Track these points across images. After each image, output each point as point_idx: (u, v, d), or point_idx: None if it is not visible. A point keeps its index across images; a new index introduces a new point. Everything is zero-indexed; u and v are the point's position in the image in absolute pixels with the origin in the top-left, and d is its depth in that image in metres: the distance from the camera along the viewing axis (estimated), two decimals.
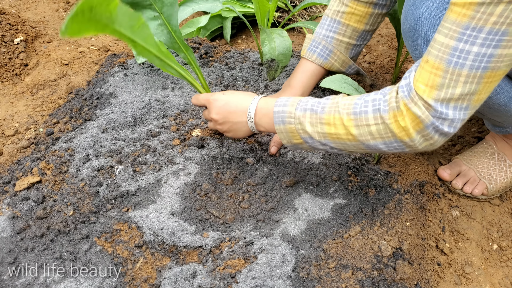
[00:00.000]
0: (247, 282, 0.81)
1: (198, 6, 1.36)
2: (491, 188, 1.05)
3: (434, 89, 0.67)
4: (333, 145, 0.81)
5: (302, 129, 0.83)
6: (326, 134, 0.80)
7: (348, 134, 0.78)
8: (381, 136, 0.75)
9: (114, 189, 0.98)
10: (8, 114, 1.29)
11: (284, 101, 0.86)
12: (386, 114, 0.73)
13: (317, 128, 0.81)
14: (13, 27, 1.51)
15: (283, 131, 0.86)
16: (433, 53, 0.67)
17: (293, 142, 0.87)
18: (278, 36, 1.18)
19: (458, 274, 0.93)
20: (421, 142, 0.73)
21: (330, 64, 1.12)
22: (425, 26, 0.85)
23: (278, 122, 0.86)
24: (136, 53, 1.23)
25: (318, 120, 0.80)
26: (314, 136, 0.82)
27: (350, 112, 0.77)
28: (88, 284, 0.82)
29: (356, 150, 0.82)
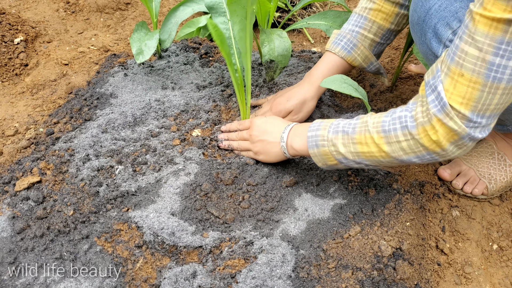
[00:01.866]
0: (247, 282, 0.81)
1: (198, 6, 1.36)
2: (491, 187, 1.05)
3: (472, 101, 0.69)
4: (368, 162, 0.84)
5: (335, 151, 0.86)
6: (360, 153, 0.83)
7: (381, 151, 0.81)
8: (413, 151, 0.78)
9: (114, 189, 0.98)
10: (8, 114, 1.29)
11: (317, 125, 0.90)
12: (414, 130, 0.75)
13: (350, 148, 0.84)
14: (13, 27, 1.51)
15: (317, 154, 0.89)
16: (468, 67, 0.67)
17: (327, 163, 0.90)
18: (277, 37, 1.18)
19: (458, 274, 0.93)
20: (454, 151, 0.76)
21: (353, 58, 1.12)
22: (435, 19, 0.85)
23: (312, 146, 0.89)
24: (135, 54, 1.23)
25: (350, 140, 0.83)
26: (348, 156, 0.85)
27: (379, 130, 0.80)
28: (88, 284, 0.82)
29: (390, 165, 0.85)
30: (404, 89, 1.34)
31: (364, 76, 1.40)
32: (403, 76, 1.41)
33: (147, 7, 1.35)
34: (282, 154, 0.98)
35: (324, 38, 1.75)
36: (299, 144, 0.93)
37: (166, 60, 1.44)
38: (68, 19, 1.75)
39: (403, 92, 1.32)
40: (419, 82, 1.39)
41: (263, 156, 1.02)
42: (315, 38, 1.75)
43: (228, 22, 1.10)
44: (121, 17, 1.80)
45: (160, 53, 1.45)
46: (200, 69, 1.41)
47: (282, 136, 0.96)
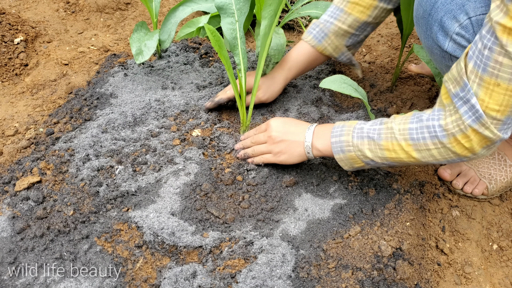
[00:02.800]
0: (247, 282, 0.81)
1: (197, 6, 1.36)
2: (491, 188, 1.05)
3: (509, 107, 0.72)
4: (396, 164, 0.87)
5: (362, 155, 0.87)
6: (388, 158, 0.85)
7: (410, 158, 0.82)
8: (443, 157, 0.80)
9: (114, 189, 0.98)
10: (8, 114, 1.29)
11: (339, 130, 0.90)
12: (445, 139, 0.78)
13: (377, 153, 0.85)
14: (13, 27, 1.51)
15: (344, 159, 0.90)
16: (505, 77, 0.69)
17: (354, 166, 0.91)
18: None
19: (458, 274, 0.93)
20: (483, 153, 0.79)
21: (323, 47, 1.15)
22: (441, 12, 0.84)
23: (338, 152, 0.90)
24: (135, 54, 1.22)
25: (377, 146, 0.85)
26: (376, 160, 0.86)
27: (407, 138, 0.81)
28: (88, 284, 0.82)
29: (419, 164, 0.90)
30: (404, 89, 1.34)
31: (364, 76, 1.40)
32: (403, 76, 1.41)
33: (147, 7, 1.35)
34: (304, 154, 0.96)
35: None
36: (323, 146, 0.93)
37: (166, 60, 1.44)
38: (68, 19, 1.75)
39: (403, 92, 1.32)
40: (419, 82, 1.39)
41: (285, 156, 0.99)
42: None
43: (235, 22, 1.11)
44: (121, 17, 1.80)
45: (160, 53, 1.45)
46: (200, 69, 1.41)
47: (306, 136, 0.95)
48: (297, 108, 1.24)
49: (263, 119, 1.21)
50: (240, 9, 1.12)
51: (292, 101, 1.27)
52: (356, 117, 1.21)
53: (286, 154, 0.99)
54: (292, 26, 1.79)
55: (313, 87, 1.32)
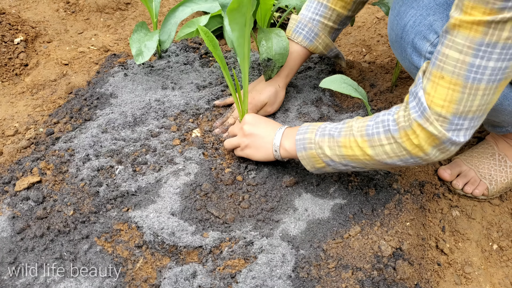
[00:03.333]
0: (247, 282, 0.81)
1: (197, 6, 1.36)
2: (492, 188, 1.05)
3: (453, 103, 0.69)
4: (354, 164, 0.85)
5: (322, 153, 0.86)
6: (345, 156, 0.84)
7: (365, 155, 0.81)
8: (396, 155, 0.78)
9: (114, 189, 0.98)
10: (8, 114, 1.29)
11: (305, 129, 0.90)
12: (396, 133, 0.76)
13: (335, 151, 0.84)
14: (13, 27, 1.51)
15: (305, 157, 0.89)
16: (448, 69, 0.68)
17: (316, 166, 0.90)
18: (275, 35, 1.18)
19: (458, 274, 0.93)
20: (437, 155, 0.76)
21: (315, 47, 1.16)
22: (411, 34, 0.88)
23: (300, 149, 0.89)
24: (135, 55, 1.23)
25: (335, 143, 0.84)
26: (334, 158, 0.85)
27: (363, 134, 0.81)
28: (88, 284, 0.82)
29: (376, 167, 0.85)
30: (404, 89, 1.34)
31: (364, 76, 1.40)
32: (403, 76, 1.41)
33: (147, 7, 1.35)
34: (271, 152, 0.97)
35: None
36: (290, 145, 0.93)
37: (166, 60, 1.44)
38: (68, 19, 1.75)
39: (403, 92, 1.32)
40: None
41: (251, 150, 1.00)
42: None
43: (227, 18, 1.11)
44: (121, 17, 1.80)
45: (160, 53, 1.45)
46: (200, 69, 1.41)
47: (276, 134, 0.96)
48: (297, 108, 1.24)
49: None
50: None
51: (292, 101, 1.27)
52: None
53: (252, 149, 0.99)
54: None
55: (313, 87, 1.32)
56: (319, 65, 1.43)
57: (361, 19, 1.79)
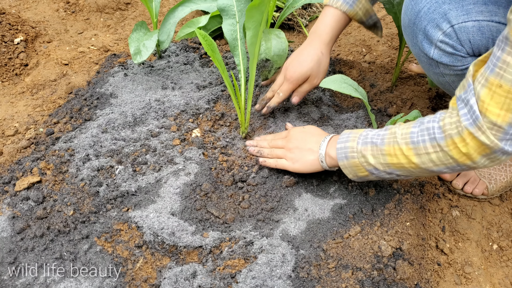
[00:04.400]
0: (247, 282, 0.81)
1: (196, 6, 1.36)
2: (491, 188, 1.05)
3: (510, 113, 0.67)
4: (399, 172, 0.83)
5: (365, 162, 0.84)
6: (389, 164, 0.82)
7: (410, 163, 0.79)
8: (442, 163, 0.76)
9: (114, 189, 0.98)
10: (8, 114, 1.29)
11: (346, 137, 0.88)
12: (442, 141, 0.74)
13: (379, 159, 0.83)
14: (13, 27, 1.51)
15: (347, 166, 0.88)
16: (508, 78, 0.65)
17: (358, 175, 0.88)
18: (275, 36, 1.18)
19: (458, 274, 0.93)
20: (485, 163, 0.74)
21: (354, 12, 1.10)
22: (424, 21, 0.86)
23: (342, 158, 0.88)
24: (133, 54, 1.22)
25: (379, 152, 0.82)
26: (378, 167, 0.83)
27: (408, 142, 0.78)
28: (88, 284, 0.82)
29: (422, 175, 0.84)
30: (404, 89, 1.34)
31: (364, 76, 1.40)
32: (403, 76, 1.41)
33: (147, 7, 1.35)
34: (318, 163, 0.95)
35: None
36: (335, 153, 0.91)
37: (166, 60, 1.44)
38: (68, 19, 1.75)
39: (403, 92, 1.32)
40: (419, 82, 1.39)
41: (299, 164, 0.98)
42: None
43: (236, 24, 1.11)
44: (121, 17, 1.80)
45: (160, 53, 1.45)
46: (200, 69, 1.41)
47: (321, 144, 0.94)
48: (297, 108, 1.24)
49: (263, 120, 1.20)
50: (241, 11, 1.12)
51: None
52: (356, 117, 1.21)
53: (299, 162, 0.97)
54: (292, 26, 1.79)
55: None
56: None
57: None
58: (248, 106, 1.10)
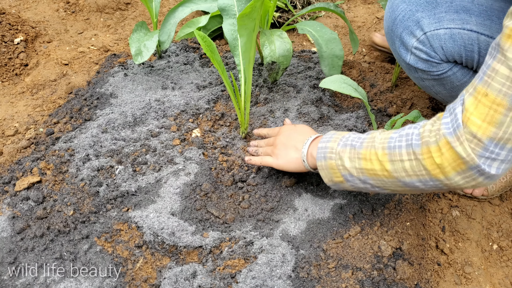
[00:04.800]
0: (247, 282, 0.81)
1: (196, 6, 1.36)
2: (491, 188, 1.05)
3: (492, 126, 0.61)
4: (372, 182, 0.78)
5: (342, 165, 0.80)
6: (364, 169, 0.77)
7: (384, 170, 0.74)
8: (415, 174, 0.71)
9: (114, 189, 0.98)
10: (8, 114, 1.29)
11: (329, 137, 0.85)
12: (418, 149, 0.69)
13: (355, 163, 0.78)
14: (13, 27, 1.51)
15: (324, 168, 0.83)
16: (495, 86, 0.61)
17: (334, 180, 0.83)
18: (278, 38, 1.18)
19: (458, 274, 0.93)
20: (460, 184, 0.68)
21: None
22: (400, 28, 0.89)
23: (320, 158, 0.84)
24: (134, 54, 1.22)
25: (356, 155, 0.78)
26: (353, 172, 0.79)
27: (385, 147, 0.74)
28: (88, 284, 0.82)
29: (395, 188, 0.77)
30: (404, 89, 1.34)
31: (364, 76, 1.40)
32: (403, 76, 1.41)
33: (147, 7, 1.35)
34: (301, 162, 0.92)
35: None
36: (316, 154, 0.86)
37: (166, 60, 1.44)
38: (68, 19, 1.75)
39: (403, 92, 1.32)
40: None
41: (282, 161, 0.95)
42: None
43: (236, 24, 1.11)
44: (121, 17, 1.80)
45: (160, 53, 1.45)
46: (200, 69, 1.41)
47: (305, 143, 0.91)
48: (297, 108, 1.24)
49: (263, 120, 1.21)
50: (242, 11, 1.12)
51: (292, 101, 1.27)
52: (356, 117, 1.21)
53: (283, 159, 0.95)
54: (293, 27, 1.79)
55: (313, 87, 1.32)
56: (319, 65, 1.43)
57: (361, 19, 1.79)
58: (247, 106, 1.10)
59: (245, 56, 1.02)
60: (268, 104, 1.26)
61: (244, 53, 1.01)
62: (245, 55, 1.02)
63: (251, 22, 0.94)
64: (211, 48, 1.01)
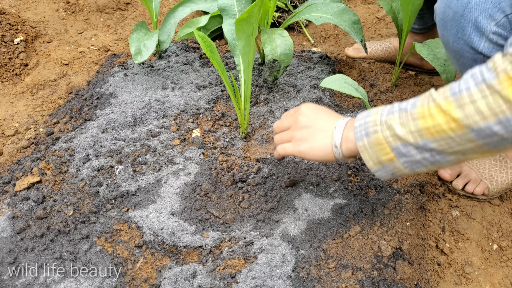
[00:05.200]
0: (247, 282, 0.81)
1: (196, 6, 1.36)
2: (492, 188, 1.05)
3: None
4: (435, 144, 0.65)
5: (391, 135, 0.67)
6: (422, 130, 0.65)
7: (450, 121, 0.62)
8: (493, 112, 0.59)
9: (114, 189, 0.98)
10: (8, 114, 1.29)
11: (366, 114, 0.73)
12: (494, 80, 0.58)
13: (409, 127, 0.66)
14: (13, 27, 1.51)
15: (368, 147, 0.70)
16: None
17: (382, 160, 0.70)
18: (279, 36, 1.18)
19: (458, 274, 0.93)
20: None
21: None
22: (476, 12, 0.79)
23: (361, 137, 0.71)
24: (133, 54, 1.22)
25: (409, 117, 0.66)
26: (408, 138, 0.66)
27: (448, 95, 0.63)
28: (88, 284, 0.82)
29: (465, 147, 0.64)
30: (404, 89, 1.34)
31: (364, 76, 1.40)
32: (403, 76, 1.41)
33: (147, 7, 1.35)
34: (331, 148, 0.77)
35: (324, 38, 1.74)
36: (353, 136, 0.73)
37: (166, 60, 1.44)
38: (68, 19, 1.75)
39: (403, 92, 1.32)
40: (419, 82, 1.39)
41: (306, 146, 0.79)
42: (315, 38, 1.75)
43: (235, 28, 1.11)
44: (121, 17, 1.80)
45: (160, 53, 1.45)
46: (200, 69, 1.41)
47: (337, 124, 0.77)
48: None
49: (263, 120, 1.21)
50: (241, 11, 1.12)
51: (292, 101, 1.27)
52: None
53: (307, 143, 0.79)
54: (292, 26, 1.79)
55: (313, 87, 1.32)
56: (319, 65, 1.43)
57: (361, 19, 1.79)
58: (247, 106, 1.10)
59: (244, 58, 1.02)
60: (268, 104, 1.26)
61: (243, 56, 1.01)
62: (244, 57, 1.02)
63: (249, 27, 0.94)
64: (210, 48, 1.01)
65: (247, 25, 0.93)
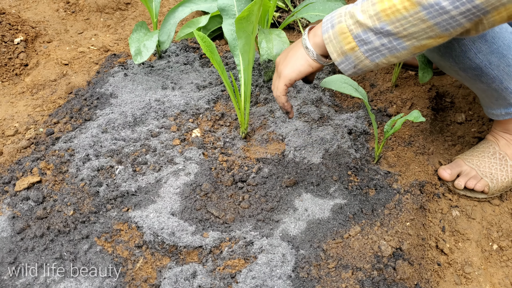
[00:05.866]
0: (247, 282, 0.81)
1: (196, 6, 1.36)
2: (493, 186, 1.05)
3: None
4: (391, 27, 0.69)
5: (354, 23, 0.72)
6: (380, 12, 0.69)
7: (404, 1, 0.66)
8: None
9: (114, 189, 0.98)
10: (8, 114, 1.29)
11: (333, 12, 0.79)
12: None
13: (369, 11, 0.70)
14: (13, 27, 1.51)
15: (333, 38, 0.76)
16: None
17: (344, 49, 0.75)
18: (276, 36, 1.18)
19: (458, 274, 0.93)
20: None
21: None
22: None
23: (327, 29, 0.76)
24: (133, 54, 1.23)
25: (370, 2, 0.71)
26: (367, 23, 0.71)
27: None
28: (88, 284, 0.82)
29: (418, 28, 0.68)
30: (404, 89, 1.34)
31: (364, 76, 1.40)
32: (403, 76, 1.41)
33: (147, 7, 1.35)
34: (305, 53, 0.83)
35: None
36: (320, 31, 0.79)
37: (166, 60, 1.44)
38: (68, 19, 1.75)
39: (403, 92, 1.32)
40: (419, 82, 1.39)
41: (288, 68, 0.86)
42: None
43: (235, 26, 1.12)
44: (121, 17, 1.80)
45: (160, 53, 1.45)
46: (200, 69, 1.41)
47: (304, 33, 0.84)
48: (297, 108, 1.24)
49: (263, 120, 1.21)
50: (241, 11, 1.12)
51: (292, 101, 1.27)
52: (356, 117, 1.21)
53: (288, 66, 0.87)
54: (292, 26, 1.79)
55: (313, 87, 1.32)
56: None
57: None
58: (247, 106, 1.10)
59: (244, 57, 1.02)
60: (268, 104, 1.26)
61: (243, 55, 1.01)
62: (244, 56, 1.02)
63: (249, 25, 0.94)
64: (210, 48, 1.01)
65: (247, 23, 0.93)
